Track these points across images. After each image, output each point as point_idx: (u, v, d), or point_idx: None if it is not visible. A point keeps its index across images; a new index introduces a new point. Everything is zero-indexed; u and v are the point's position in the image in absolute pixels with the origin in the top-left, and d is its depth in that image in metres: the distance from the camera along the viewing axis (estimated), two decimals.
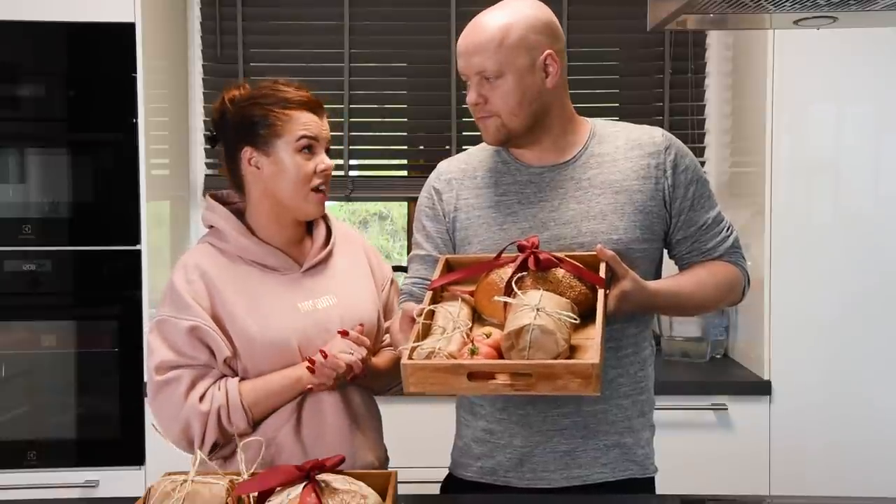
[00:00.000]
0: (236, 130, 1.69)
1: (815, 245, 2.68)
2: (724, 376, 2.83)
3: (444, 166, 1.78)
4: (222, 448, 1.67)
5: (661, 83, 3.25)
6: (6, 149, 2.70)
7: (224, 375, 1.65)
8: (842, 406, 2.68)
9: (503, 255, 1.54)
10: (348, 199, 3.27)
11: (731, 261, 1.71)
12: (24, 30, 2.65)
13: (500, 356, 1.39)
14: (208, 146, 1.91)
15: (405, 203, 3.46)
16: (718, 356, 3.07)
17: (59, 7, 2.65)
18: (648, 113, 3.25)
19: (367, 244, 1.89)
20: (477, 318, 1.54)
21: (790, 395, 2.69)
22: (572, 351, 1.39)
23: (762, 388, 2.70)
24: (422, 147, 3.36)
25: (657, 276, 1.70)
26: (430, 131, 3.32)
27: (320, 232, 1.78)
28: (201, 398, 1.62)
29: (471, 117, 3.20)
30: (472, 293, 1.56)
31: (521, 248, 1.50)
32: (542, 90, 1.61)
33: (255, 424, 1.66)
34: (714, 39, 3.25)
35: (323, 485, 1.30)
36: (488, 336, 1.44)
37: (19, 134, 2.70)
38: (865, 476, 2.64)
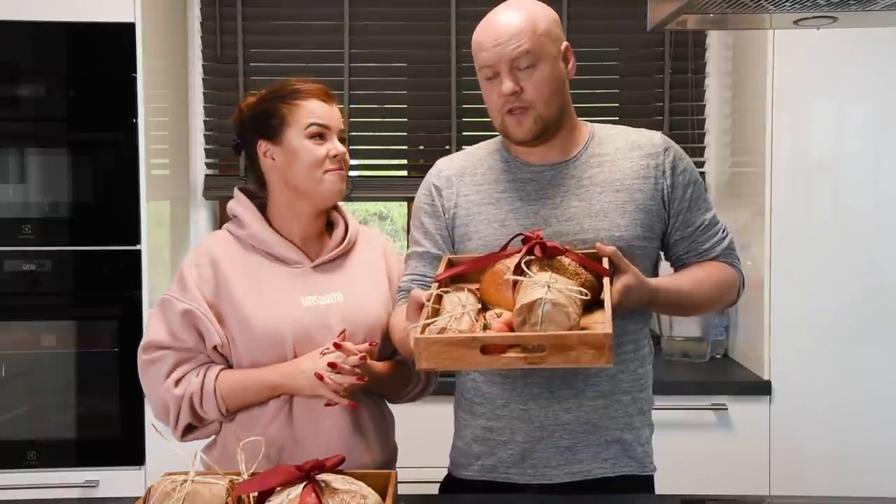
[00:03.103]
0: (252, 128, 1.75)
1: (814, 245, 2.68)
2: (724, 376, 2.83)
3: (443, 164, 1.78)
4: (198, 430, 1.71)
5: (661, 83, 3.25)
6: (6, 149, 2.70)
7: (211, 362, 1.68)
8: (842, 406, 2.68)
9: (507, 248, 1.55)
10: (348, 199, 3.27)
11: (726, 262, 1.74)
12: (24, 30, 2.65)
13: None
14: (210, 146, 1.92)
15: (405, 203, 3.46)
16: (718, 356, 3.07)
17: (59, 7, 2.65)
18: (648, 113, 3.25)
19: (388, 245, 1.89)
20: (483, 308, 1.54)
21: (790, 395, 2.69)
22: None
23: (762, 388, 2.70)
24: (422, 147, 3.36)
25: (654, 275, 1.71)
26: (430, 131, 3.32)
27: (338, 231, 1.80)
28: (177, 382, 1.66)
29: (471, 117, 3.26)
30: (477, 289, 1.56)
31: (525, 241, 1.52)
32: (566, 80, 1.65)
33: (232, 414, 1.69)
34: (714, 39, 3.25)
35: (323, 485, 1.30)
36: (499, 316, 1.45)
37: (19, 134, 2.70)
38: (865, 476, 2.64)
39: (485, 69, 1.62)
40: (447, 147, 3.24)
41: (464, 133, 3.25)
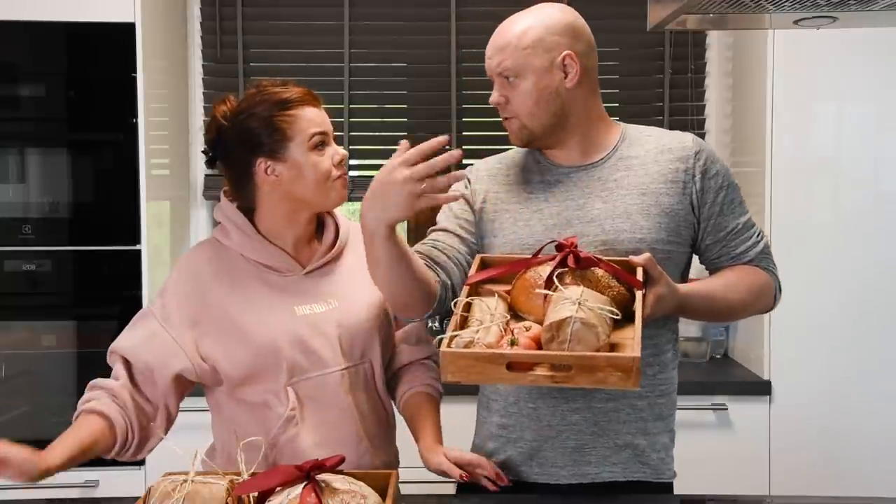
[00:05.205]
0: (242, 144, 1.65)
1: (814, 245, 2.68)
2: (724, 376, 2.83)
3: (479, 164, 1.81)
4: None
5: (661, 83, 3.25)
6: (6, 149, 2.70)
7: (117, 403, 1.62)
8: (841, 406, 2.68)
9: (540, 254, 1.55)
10: (348, 198, 3.27)
11: (760, 266, 1.71)
12: (24, 30, 2.66)
13: (540, 349, 1.39)
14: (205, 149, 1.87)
15: None
16: (718, 356, 3.07)
17: (59, 7, 2.65)
18: (648, 113, 3.25)
19: None
20: (513, 315, 1.54)
21: (790, 395, 2.69)
22: (610, 348, 1.39)
23: (762, 388, 2.70)
24: None
25: (682, 281, 1.69)
26: (430, 131, 3.31)
27: (328, 234, 1.76)
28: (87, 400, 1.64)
29: (470, 117, 3.27)
30: (507, 292, 1.56)
31: (559, 248, 1.51)
32: (560, 91, 1.62)
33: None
34: (714, 39, 3.25)
35: (323, 485, 1.30)
36: (528, 329, 1.44)
37: (19, 134, 2.71)
38: (865, 476, 2.64)
39: (490, 76, 1.67)
40: (447, 147, 3.23)
41: (464, 133, 3.25)
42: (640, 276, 1.49)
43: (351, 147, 3.23)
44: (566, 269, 1.49)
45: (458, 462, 1.63)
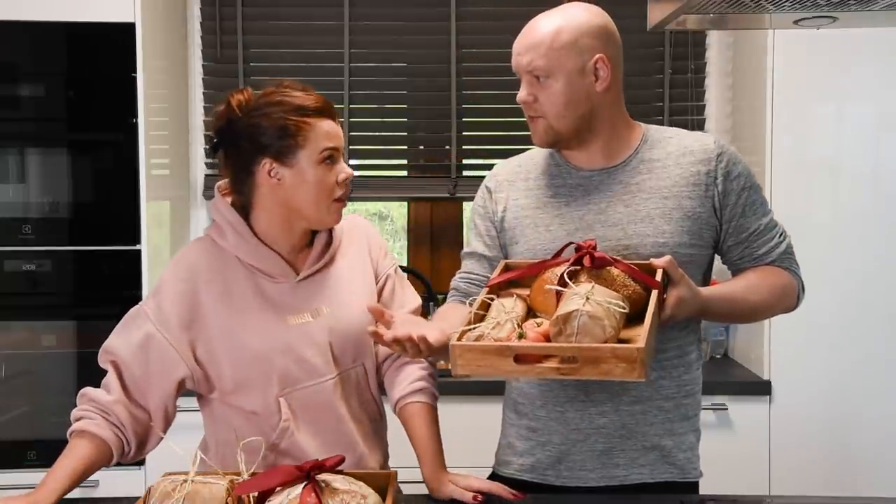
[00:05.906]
0: (252, 141, 1.60)
1: (814, 245, 2.68)
2: (724, 376, 2.83)
3: (499, 167, 1.80)
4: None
5: (661, 83, 3.25)
6: (6, 149, 2.70)
7: (110, 420, 1.61)
8: (842, 406, 2.68)
9: (560, 256, 1.56)
10: (348, 199, 3.26)
11: (783, 266, 1.71)
12: (24, 30, 2.66)
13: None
14: (208, 146, 1.88)
15: (405, 203, 3.46)
16: (718, 356, 3.07)
17: (59, 7, 2.65)
18: (648, 113, 3.24)
19: (373, 235, 1.82)
20: (532, 315, 1.55)
21: (790, 395, 2.69)
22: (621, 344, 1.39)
23: (762, 388, 2.70)
24: (422, 147, 3.36)
25: (704, 284, 1.69)
26: (430, 131, 3.32)
27: (321, 238, 1.72)
28: (78, 418, 1.64)
29: (470, 117, 3.26)
30: (528, 295, 1.57)
31: (578, 250, 1.52)
32: (590, 94, 1.62)
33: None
34: (714, 39, 3.25)
35: (323, 485, 1.30)
36: (539, 325, 1.46)
37: (19, 134, 2.71)
38: (865, 476, 2.64)
39: (516, 73, 1.65)
40: (447, 147, 3.24)
41: (464, 133, 3.24)
42: (658, 276, 1.49)
43: (351, 147, 3.23)
44: (581, 268, 1.49)
45: (469, 489, 1.59)
